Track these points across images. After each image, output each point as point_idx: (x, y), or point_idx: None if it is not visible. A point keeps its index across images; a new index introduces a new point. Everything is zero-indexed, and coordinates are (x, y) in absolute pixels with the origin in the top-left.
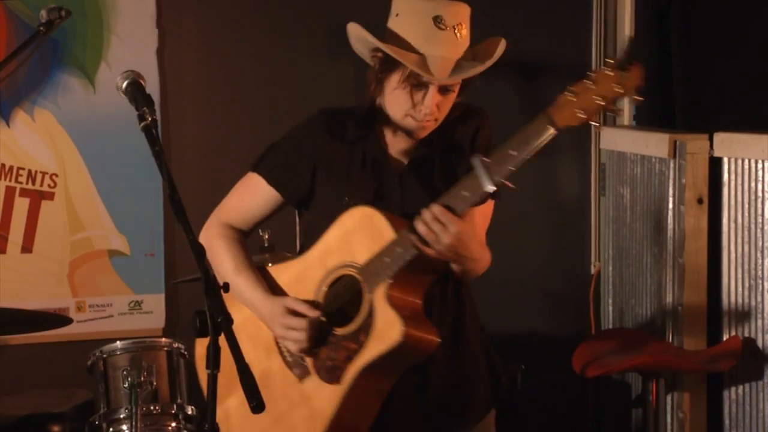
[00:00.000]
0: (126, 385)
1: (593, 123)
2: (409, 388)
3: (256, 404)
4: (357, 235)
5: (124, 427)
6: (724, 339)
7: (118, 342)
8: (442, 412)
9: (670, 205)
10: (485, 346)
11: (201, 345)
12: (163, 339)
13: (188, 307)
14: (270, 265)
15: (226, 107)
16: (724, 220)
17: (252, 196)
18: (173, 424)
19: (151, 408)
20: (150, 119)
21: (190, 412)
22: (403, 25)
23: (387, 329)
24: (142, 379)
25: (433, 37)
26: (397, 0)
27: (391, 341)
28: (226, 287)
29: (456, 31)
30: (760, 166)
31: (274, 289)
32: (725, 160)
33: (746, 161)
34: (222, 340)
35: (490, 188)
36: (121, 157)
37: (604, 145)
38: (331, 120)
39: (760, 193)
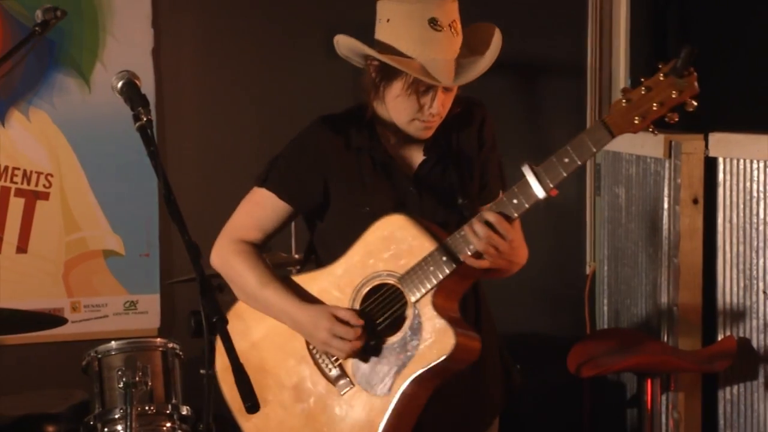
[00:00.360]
0: (121, 386)
1: (650, 130)
2: None
3: (251, 405)
4: (393, 243)
5: (119, 427)
6: (719, 339)
7: (113, 342)
8: (460, 412)
9: (666, 205)
10: (499, 345)
11: (221, 356)
12: (158, 339)
13: (183, 308)
14: (294, 273)
15: (221, 107)
16: (720, 220)
17: (263, 211)
18: (168, 425)
19: (146, 408)
20: (145, 119)
21: (185, 413)
22: (397, 31)
23: (439, 338)
24: (137, 379)
25: (432, 41)
26: (384, 5)
27: (445, 350)
28: (221, 287)
29: (452, 30)
30: (755, 166)
31: (306, 298)
32: (720, 160)
33: (741, 161)
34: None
35: (544, 196)
36: (117, 158)
37: None
38: (333, 129)
39: (755, 194)
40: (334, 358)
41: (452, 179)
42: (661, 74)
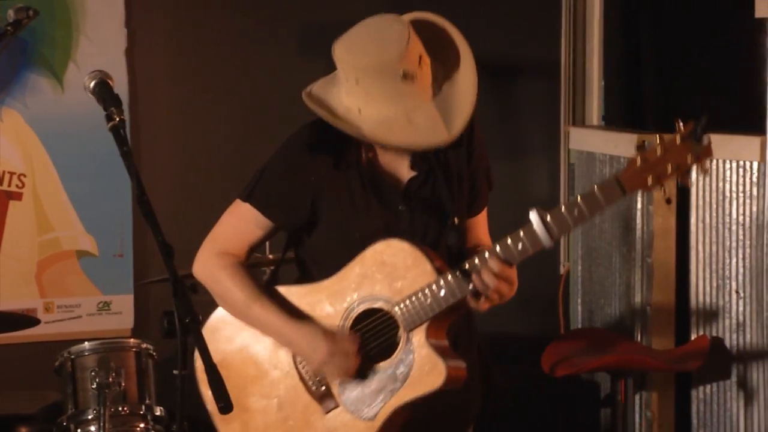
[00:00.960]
0: (94, 386)
1: (662, 189)
2: None
3: (224, 405)
4: (392, 268)
5: (93, 428)
6: (692, 338)
7: (86, 343)
8: (440, 413)
9: (639, 206)
10: (479, 345)
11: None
12: (132, 340)
13: (157, 308)
14: (278, 286)
15: (195, 107)
16: (692, 220)
17: (246, 226)
18: (141, 425)
19: (120, 409)
20: (118, 119)
21: (158, 413)
22: (369, 92)
23: (429, 371)
24: (111, 380)
25: (408, 94)
26: (344, 60)
27: (435, 384)
28: (194, 288)
29: (421, 64)
30: (727, 166)
31: (296, 314)
32: None
33: (714, 162)
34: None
35: (550, 245)
36: (90, 158)
37: (574, 146)
38: (321, 144)
39: (727, 194)
40: (321, 375)
41: (443, 195)
42: (679, 137)
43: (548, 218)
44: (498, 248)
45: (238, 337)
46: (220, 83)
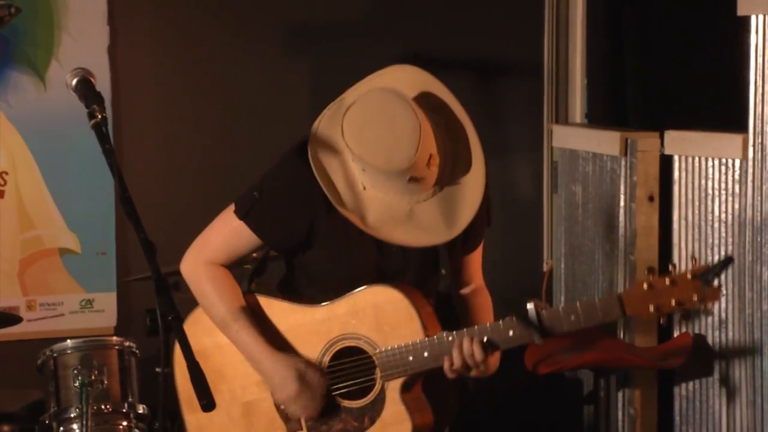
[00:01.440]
0: (77, 384)
1: (661, 321)
2: None
3: (207, 402)
4: (383, 315)
5: (75, 426)
6: (675, 336)
7: (68, 341)
8: None
9: (622, 203)
10: None
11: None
12: (115, 338)
13: (140, 306)
14: (258, 295)
15: (178, 105)
16: (675, 218)
17: (239, 241)
18: (124, 423)
19: (102, 407)
20: (100, 117)
21: (141, 411)
22: (376, 183)
23: (395, 423)
24: (93, 378)
25: (415, 191)
26: (353, 150)
27: None
28: (177, 285)
29: (430, 166)
30: (710, 163)
31: (274, 330)
32: (676, 158)
33: (697, 159)
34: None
35: (539, 342)
36: (73, 156)
37: (557, 143)
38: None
39: (710, 191)
40: None
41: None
42: (690, 274)
43: (544, 315)
44: (490, 327)
45: (219, 334)
46: (203, 81)
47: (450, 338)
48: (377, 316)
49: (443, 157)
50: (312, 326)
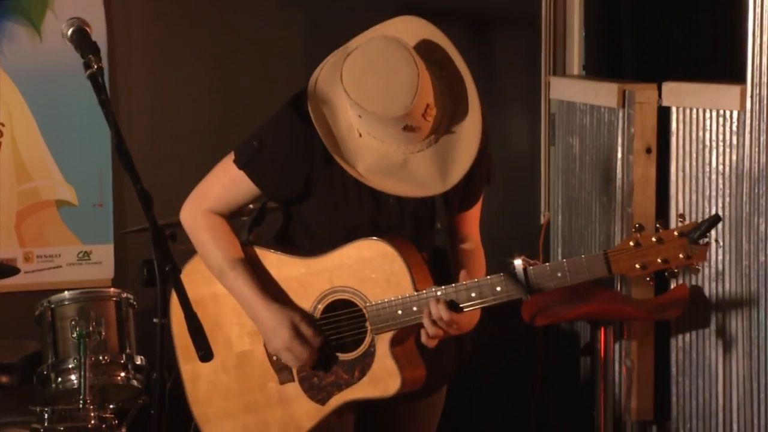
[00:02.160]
0: (74, 336)
1: (648, 279)
2: None
3: (204, 353)
4: (373, 269)
5: (73, 377)
6: (672, 287)
7: (66, 292)
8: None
9: (619, 155)
10: None
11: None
12: (112, 289)
13: (137, 258)
14: (255, 246)
15: (172, 55)
16: (672, 170)
17: (238, 191)
18: (122, 374)
19: (100, 358)
20: (96, 67)
21: (139, 362)
22: (371, 126)
23: (384, 377)
24: (91, 329)
25: (409, 139)
26: (350, 96)
27: (387, 391)
28: (174, 237)
29: (426, 117)
30: (707, 115)
31: (269, 280)
32: (673, 109)
33: (694, 110)
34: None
35: (526, 299)
36: (69, 107)
37: (554, 95)
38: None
39: (707, 143)
40: None
41: (435, 197)
42: (677, 232)
43: (531, 272)
44: (479, 282)
45: (216, 283)
46: (199, 31)
47: (439, 292)
48: (368, 269)
49: (441, 109)
50: (305, 278)
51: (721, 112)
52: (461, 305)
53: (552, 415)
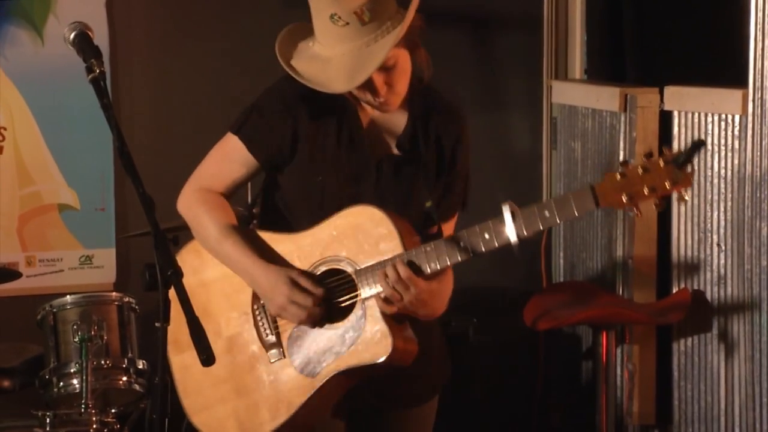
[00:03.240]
0: (76, 340)
1: (635, 212)
2: None
3: (206, 357)
4: (362, 234)
5: (75, 381)
6: (674, 291)
7: (68, 296)
8: (389, 388)
9: (621, 159)
10: (441, 325)
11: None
12: (114, 293)
13: (139, 262)
14: (257, 228)
15: (175, 59)
16: None
17: (231, 162)
18: (124, 378)
19: (102, 362)
20: (98, 71)
21: (140, 366)
22: (318, 31)
23: (376, 342)
24: (93, 333)
25: (332, 37)
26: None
27: (378, 356)
28: (176, 240)
29: (359, 17)
30: (709, 119)
31: (266, 256)
32: (675, 113)
33: (696, 115)
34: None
35: (514, 240)
36: (71, 111)
37: (556, 99)
38: (310, 90)
39: (709, 147)
40: (274, 325)
41: (414, 182)
42: (662, 160)
43: (519, 213)
44: (464, 232)
45: (204, 272)
46: (200, 34)
47: (428, 249)
48: (357, 235)
49: (376, 18)
50: (297, 252)
51: (723, 116)
52: (450, 261)
53: (554, 419)
